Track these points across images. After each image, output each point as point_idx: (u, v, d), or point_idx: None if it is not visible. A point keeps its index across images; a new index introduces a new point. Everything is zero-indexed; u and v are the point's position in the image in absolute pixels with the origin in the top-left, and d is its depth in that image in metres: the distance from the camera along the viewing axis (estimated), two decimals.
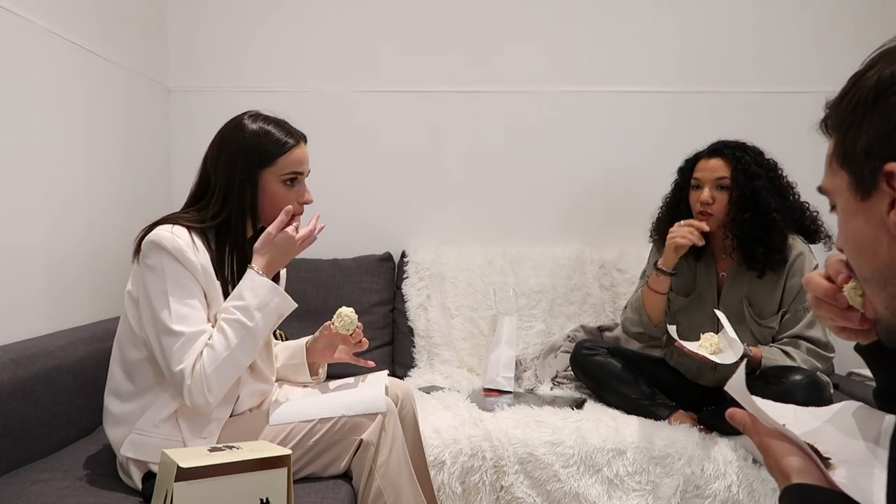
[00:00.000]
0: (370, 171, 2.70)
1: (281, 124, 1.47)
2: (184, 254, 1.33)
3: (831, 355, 1.93)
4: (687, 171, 2.06)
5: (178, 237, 1.34)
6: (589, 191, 2.70)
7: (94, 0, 2.11)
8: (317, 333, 1.67)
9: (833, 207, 0.73)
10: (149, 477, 1.34)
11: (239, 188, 1.41)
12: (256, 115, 1.46)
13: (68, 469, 1.46)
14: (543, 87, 2.69)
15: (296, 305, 1.44)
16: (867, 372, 2.42)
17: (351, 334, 1.62)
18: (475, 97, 2.69)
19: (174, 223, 1.37)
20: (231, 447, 1.23)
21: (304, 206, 1.49)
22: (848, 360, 2.59)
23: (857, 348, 0.83)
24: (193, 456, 1.17)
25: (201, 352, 1.32)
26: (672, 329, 1.89)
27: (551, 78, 2.69)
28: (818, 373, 1.89)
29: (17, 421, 1.46)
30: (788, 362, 1.85)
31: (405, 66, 2.69)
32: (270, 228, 1.41)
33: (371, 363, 1.66)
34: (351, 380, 1.62)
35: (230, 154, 1.42)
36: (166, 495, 1.14)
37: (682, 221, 1.97)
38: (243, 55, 2.68)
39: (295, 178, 1.46)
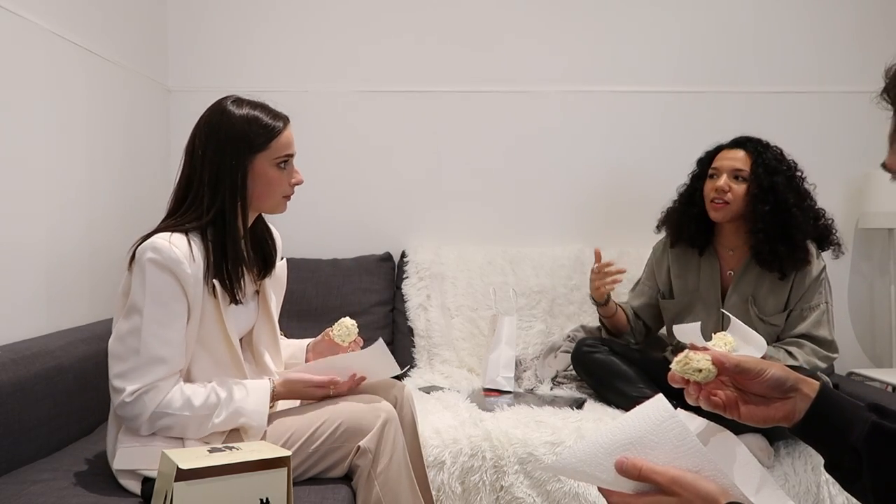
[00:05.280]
0: (370, 171, 2.70)
1: (266, 108, 1.45)
2: (181, 266, 1.31)
3: (835, 355, 1.93)
4: (706, 161, 2.06)
5: (175, 247, 1.32)
6: (589, 191, 2.70)
7: (95, 0, 2.11)
8: (319, 337, 1.66)
9: None
10: (146, 480, 1.34)
11: (230, 175, 1.38)
12: (239, 101, 1.43)
13: (68, 469, 1.46)
14: (544, 87, 2.68)
15: (260, 434, 1.40)
16: (868, 372, 2.43)
17: (348, 346, 1.61)
18: (475, 97, 2.69)
19: (172, 231, 1.35)
20: (231, 448, 1.23)
21: (295, 187, 1.49)
22: (848, 360, 2.60)
23: (792, 431, 0.83)
24: (193, 456, 1.17)
25: (158, 383, 1.31)
26: (694, 328, 1.85)
27: (551, 78, 2.68)
28: (819, 372, 1.89)
29: (17, 421, 1.46)
30: (791, 362, 1.85)
31: (405, 67, 2.69)
32: (314, 380, 1.46)
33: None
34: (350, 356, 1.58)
35: (219, 142, 1.39)
36: (166, 496, 1.14)
37: (593, 271, 2.03)
38: (243, 55, 2.68)
39: (286, 161, 1.45)
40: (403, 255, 2.64)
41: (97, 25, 2.12)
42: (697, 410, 0.86)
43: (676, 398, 0.84)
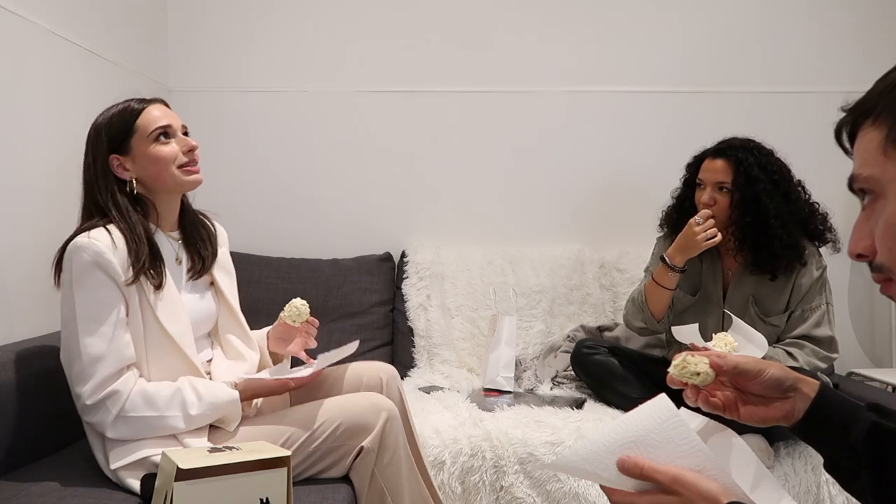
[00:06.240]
0: (370, 171, 2.70)
1: (127, 101, 1.48)
2: (103, 256, 1.32)
3: (835, 356, 1.92)
4: (693, 168, 2.06)
5: (95, 240, 1.33)
6: (589, 191, 2.70)
7: (95, 0, 2.11)
8: (276, 322, 1.67)
9: (865, 197, 0.69)
10: (147, 479, 1.33)
11: (113, 171, 1.42)
12: (106, 110, 1.48)
13: (69, 469, 1.46)
14: (544, 87, 2.68)
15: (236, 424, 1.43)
16: (868, 372, 2.43)
17: (301, 327, 1.61)
18: (475, 97, 2.69)
19: (89, 229, 1.37)
20: (231, 448, 1.23)
21: (194, 152, 1.48)
22: (848, 360, 2.60)
23: (792, 430, 0.84)
24: (193, 456, 1.17)
25: (114, 385, 1.32)
26: (692, 329, 1.85)
27: (552, 78, 2.68)
28: (819, 373, 1.89)
29: (17, 421, 1.46)
30: (791, 362, 1.85)
31: (405, 67, 2.69)
32: (270, 384, 1.46)
33: (312, 361, 1.61)
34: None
35: (94, 150, 1.44)
36: (166, 496, 1.14)
37: (697, 218, 1.91)
38: (243, 55, 2.68)
39: (165, 133, 1.45)
40: (403, 255, 2.64)
41: (97, 26, 2.12)
42: (697, 410, 0.87)
43: (676, 399, 0.84)
